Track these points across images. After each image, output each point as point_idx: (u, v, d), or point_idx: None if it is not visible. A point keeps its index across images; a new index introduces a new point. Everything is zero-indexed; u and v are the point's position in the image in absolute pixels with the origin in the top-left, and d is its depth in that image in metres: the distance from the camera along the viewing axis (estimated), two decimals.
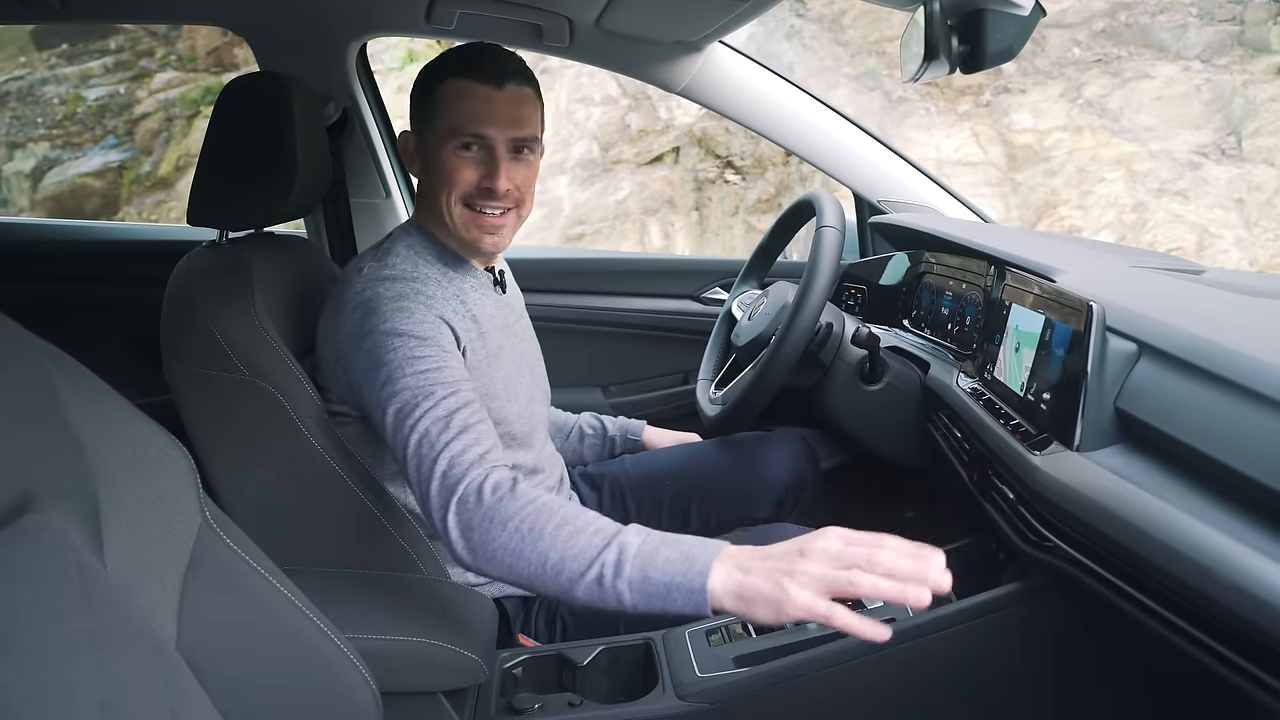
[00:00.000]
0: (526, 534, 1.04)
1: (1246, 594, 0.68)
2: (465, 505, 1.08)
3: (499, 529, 1.05)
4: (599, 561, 1.01)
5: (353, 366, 1.23)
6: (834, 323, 1.63)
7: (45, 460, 0.57)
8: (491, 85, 1.27)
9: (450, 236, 1.36)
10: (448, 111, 1.28)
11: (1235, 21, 6.49)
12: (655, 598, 0.99)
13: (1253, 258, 5.67)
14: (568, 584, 1.02)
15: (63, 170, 7.42)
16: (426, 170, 1.33)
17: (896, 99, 6.75)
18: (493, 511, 1.06)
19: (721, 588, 0.96)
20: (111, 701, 0.50)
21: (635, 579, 0.99)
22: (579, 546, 1.02)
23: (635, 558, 1.00)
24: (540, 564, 1.03)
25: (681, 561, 0.99)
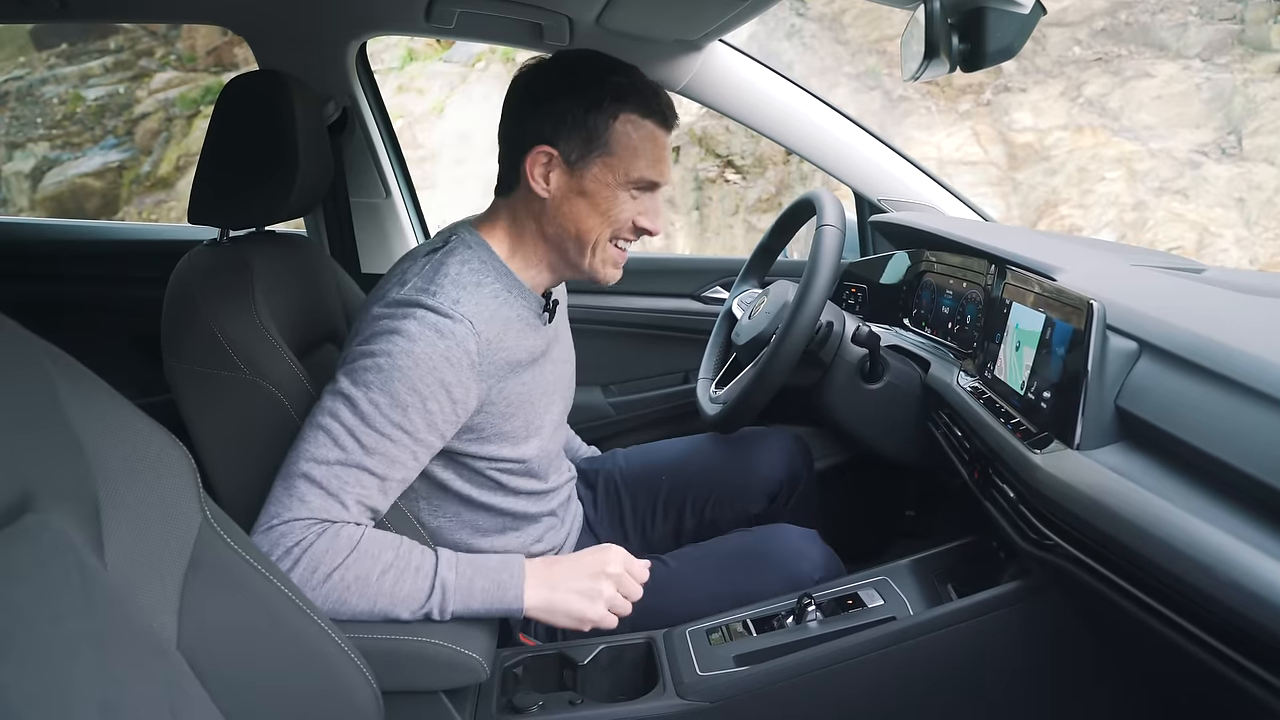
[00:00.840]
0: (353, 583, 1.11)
1: (1246, 591, 0.68)
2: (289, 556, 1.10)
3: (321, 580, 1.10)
4: (427, 605, 1.14)
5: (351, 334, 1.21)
6: (834, 321, 1.63)
7: (45, 460, 0.57)
8: (667, 130, 1.26)
9: (549, 261, 1.31)
10: (629, 152, 1.22)
11: (1235, 20, 6.49)
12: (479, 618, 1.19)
13: (1253, 256, 5.67)
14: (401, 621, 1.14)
15: (62, 170, 7.43)
16: (576, 196, 1.24)
17: (897, 98, 6.75)
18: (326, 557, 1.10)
19: (534, 607, 1.19)
20: (112, 701, 0.50)
21: (460, 611, 1.15)
22: (405, 592, 1.13)
23: (455, 593, 1.15)
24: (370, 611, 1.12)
25: (496, 589, 1.17)
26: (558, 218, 1.25)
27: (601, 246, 1.26)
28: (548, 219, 1.26)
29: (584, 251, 1.26)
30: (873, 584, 1.32)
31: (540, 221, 1.26)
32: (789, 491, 1.70)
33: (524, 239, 1.28)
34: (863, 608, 1.27)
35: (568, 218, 1.25)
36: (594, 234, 1.25)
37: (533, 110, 1.24)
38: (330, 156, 1.51)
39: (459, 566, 1.16)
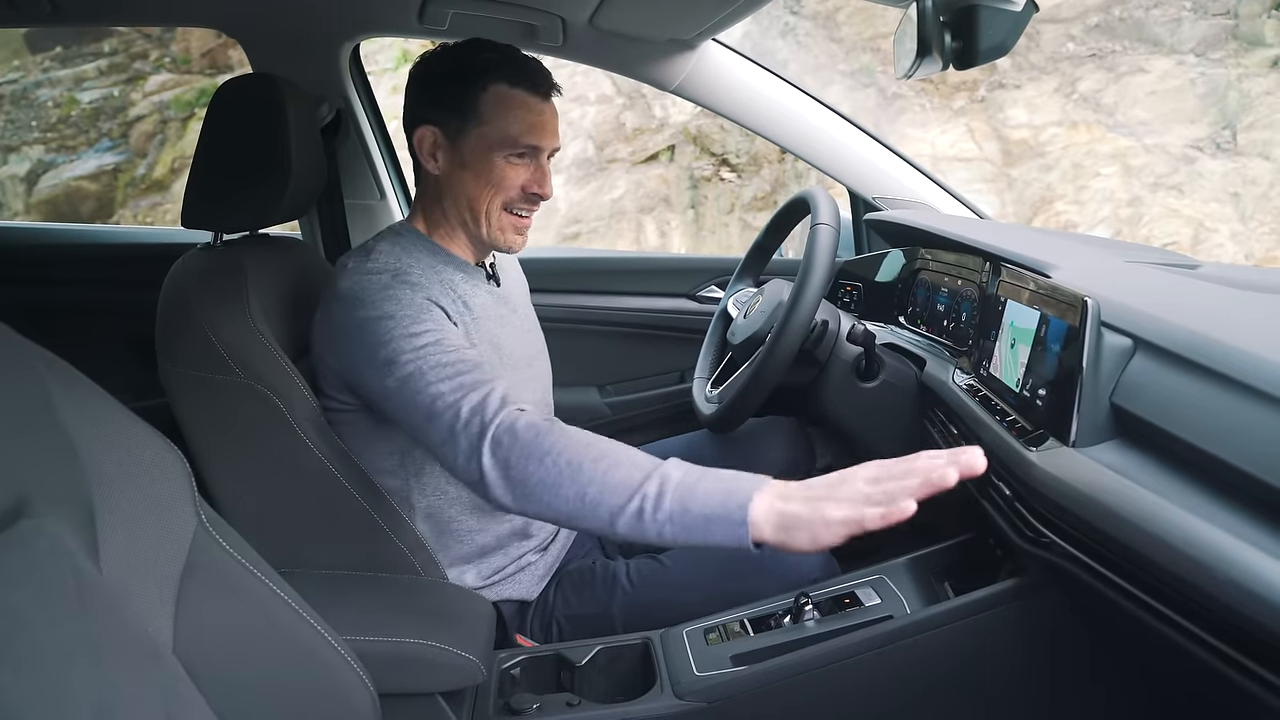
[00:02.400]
0: (565, 467, 1.04)
1: (1243, 589, 0.68)
2: (500, 444, 1.07)
3: (536, 463, 1.05)
4: (639, 494, 1.01)
5: (344, 356, 1.23)
6: (829, 320, 1.63)
7: (40, 465, 0.57)
8: (541, 97, 1.33)
9: (461, 237, 1.38)
10: (500, 119, 1.30)
11: (1229, 15, 6.50)
12: (695, 531, 0.99)
13: (1248, 251, 5.67)
14: (608, 517, 1.02)
15: (57, 173, 7.41)
16: (460, 169, 1.33)
17: (891, 95, 6.75)
18: (529, 447, 1.06)
19: (763, 518, 0.96)
20: (108, 706, 0.49)
21: (675, 512, 0.99)
22: (618, 479, 1.02)
23: (676, 489, 1.00)
24: (579, 498, 1.03)
25: (722, 493, 0.99)
26: (451, 192, 1.34)
27: (495, 215, 1.34)
28: (445, 195, 1.35)
29: (479, 221, 1.35)
30: (869, 583, 1.32)
31: (441, 199, 1.36)
32: None
33: (435, 219, 1.38)
34: (860, 606, 1.27)
35: (458, 190, 1.34)
36: (483, 203, 1.33)
37: (417, 94, 1.35)
38: (323, 159, 1.51)
39: (688, 468, 1.04)
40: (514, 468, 1.06)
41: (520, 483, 1.06)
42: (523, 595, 1.44)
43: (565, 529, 1.53)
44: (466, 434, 1.10)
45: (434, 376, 1.14)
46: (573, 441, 1.06)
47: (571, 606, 1.43)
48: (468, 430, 1.10)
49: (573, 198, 6.65)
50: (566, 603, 1.44)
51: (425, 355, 1.16)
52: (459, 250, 1.39)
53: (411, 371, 1.15)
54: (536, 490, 1.05)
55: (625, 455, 1.06)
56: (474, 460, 1.08)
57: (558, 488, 1.04)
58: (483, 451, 1.08)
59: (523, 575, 1.44)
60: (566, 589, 1.46)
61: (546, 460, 1.05)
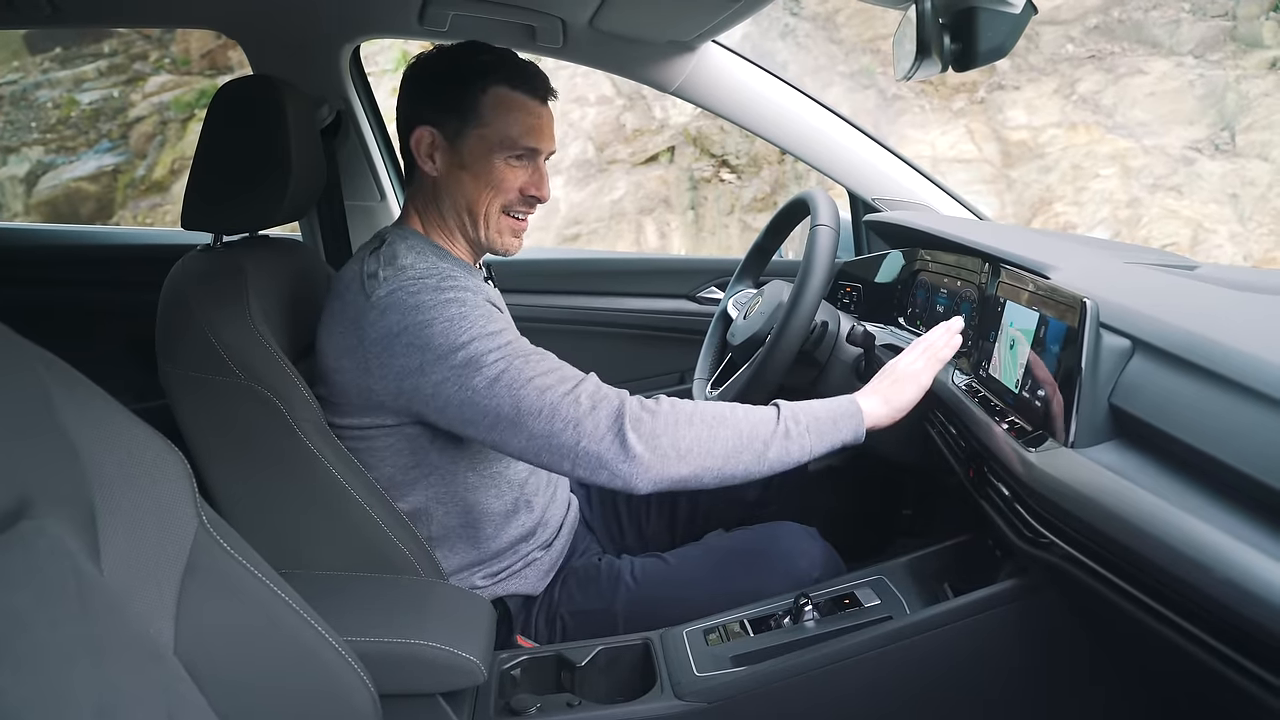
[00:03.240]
0: (712, 421, 1.20)
1: (1242, 590, 0.68)
2: (640, 421, 1.17)
3: (686, 426, 1.19)
4: (780, 419, 1.23)
5: (393, 367, 1.21)
6: (829, 321, 1.63)
7: (41, 466, 0.57)
8: (540, 100, 1.34)
9: (459, 239, 1.38)
10: (500, 121, 1.31)
11: (1228, 17, 6.50)
12: (828, 433, 1.25)
13: (1247, 252, 5.67)
14: (762, 447, 1.21)
15: (57, 175, 7.41)
16: (458, 171, 1.33)
17: (891, 97, 6.75)
18: (671, 415, 1.19)
19: (868, 405, 1.30)
20: (109, 706, 0.50)
21: (811, 425, 1.24)
22: (756, 418, 1.23)
23: (800, 410, 1.25)
24: (737, 439, 1.20)
25: (834, 404, 1.29)
26: (449, 194, 1.35)
27: (493, 217, 1.35)
28: (442, 197, 1.35)
29: (477, 224, 1.35)
30: (869, 583, 1.32)
31: (438, 202, 1.36)
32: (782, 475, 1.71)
33: (432, 222, 1.38)
34: (859, 607, 1.27)
35: (457, 192, 1.34)
36: (482, 205, 1.34)
37: (415, 95, 1.36)
38: (323, 161, 1.51)
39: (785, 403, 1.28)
40: (664, 436, 1.17)
41: (673, 448, 1.17)
42: (528, 591, 1.44)
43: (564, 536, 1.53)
44: (594, 420, 1.16)
45: (532, 370, 1.18)
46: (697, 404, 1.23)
47: (576, 602, 1.44)
48: (595, 416, 1.16)
49: (573, 199, 6.65)
50: (571, 598, 1.44)
51: (513, 352, 1.20)
52: (459, 253, 1.39)
53: (505, 368, 1.18)
54: (694, 449, 1.18)
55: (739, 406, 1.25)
56: (612, 442, 1.16)
57: (714, 439, 1.19)
58: (624, 431, 1.16)
59: (529, 571, 1.44)
60: (571, 585, 1.46)
61: (695, 420, 1.19)
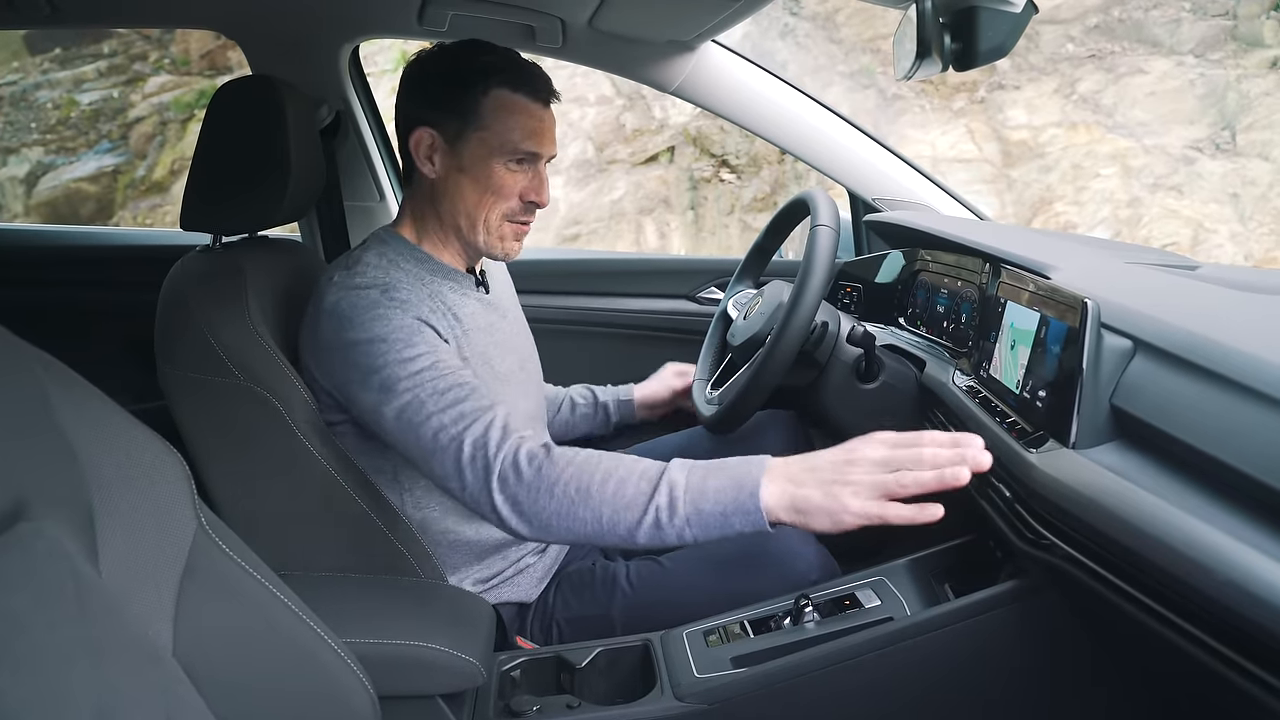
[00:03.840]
0: (575, 495, 1.08)
1: (1243, 591, 0.68)
2: (506, 482, 1.10)
3: (546, 497, 1.08)
4: (652, 507, 1.06)
5: (337, 377, 1.22)
6: (829, 321, 1.62)
7: (38, 468, 0.57)
8: (542, 103, 1.32)
9: (453, 242, 1.37)
10: (501, 124, 1.29)
11: (1228, 16, 6.50)
12: (714, 527, 1.05)
13: (1248, 252, 5.67)
14: (627, 534, 1.07)
15: (57, 175, 7.41)
16: (457, 174, 1.31)
17: (891, 96, 6.75)
18: (535, 481, 1.09)
19: (776, 503, 1.03)
20: (107, 708, 0.49)
21: (691, 515, 1.05)
22: (628, 496, 1.07)
23: (686, 494, 1.05)
24: (596, 521, 1.07)
25: (732, 488, 1.04)
26: (447, 197, 1.33)
27: (494, 224, 1.33)
28: (440, 200, 1.33)
29: (476, 229, 1.33)
30: (870, 584, 1.32)
31: (436, 205, 1.34)
32: None
33: (427, 225, 1.36)
34: (860, 608, 1.27)
35: (455, 196, 1.32)
36: (482, 210, 1.32)
37: (414, 95, 1.34)
38: (322, 161, 1.51)
39: (690, 468, 1.09)
40: (524, 503, 1.09)
41: (534, 516, 1.09)
42: (521, 598, 1.44)
43: None
44: (473, 471, 1.11)
45: (433, 406, 1.14)
46: (576, 468, 1.09)
47: (571, 608, 1.43)
48: (474, 467, 1.11)
49: (572, 199, 6.65)
50: (566, 605, 1.44)
51: (421, 382, 1.16)
52: (449, 258, 1.38)
53: (409, 401, 1.15)
54: (551, 521, 1.09)
55: (628, 470, 1.09)
56: (484, 497, 1.11)
57: (572, 516, 1.08)
58: (492, 489, 1.10)
59: (521, 578, 1.44)
60: (566, 591, 1.46)
61: (556, 491, 1.08)
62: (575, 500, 1.08)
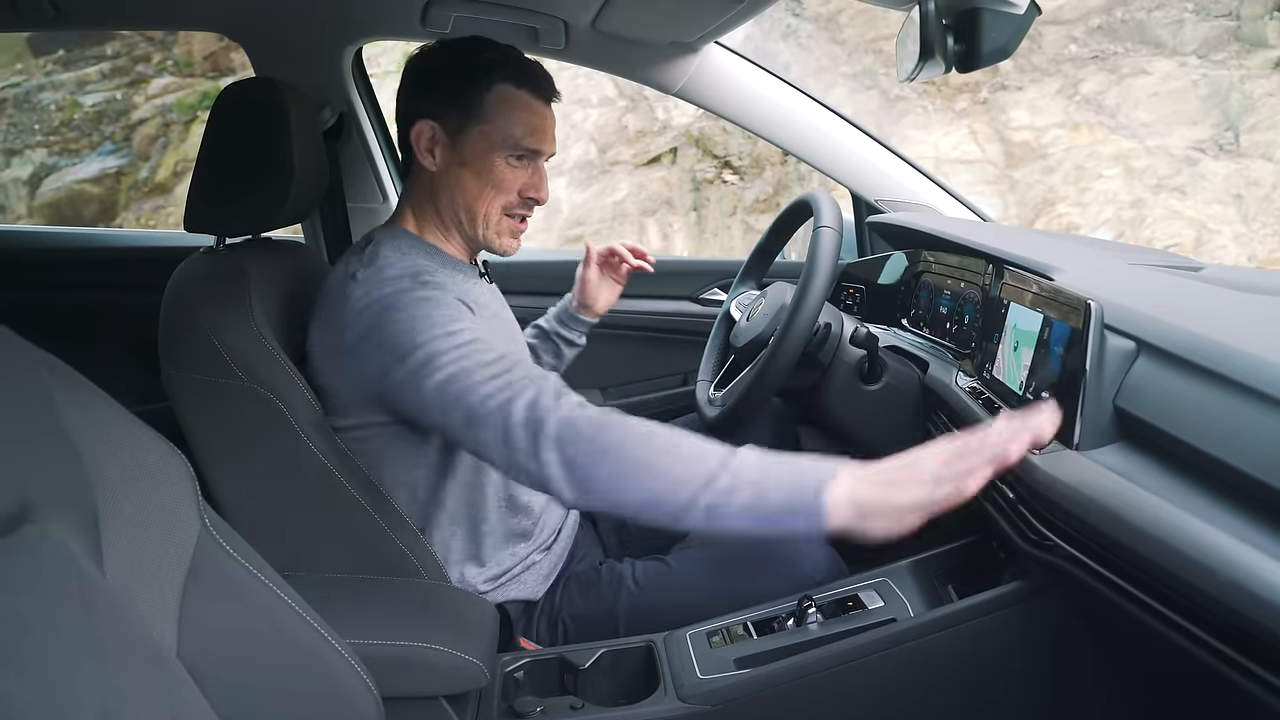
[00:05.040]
0: (632, 463, 1.01)
1: (1246, 592, 0.68)
2: (562, 441, 1.03)
3: (601, 458, 1.02)
4: (710, 489, 0.98)
5: (367, 368, 1.20)
6: (832, 323, 1.63)
7: (44, 469, 0.57)
8: (544, 101, 1.33)
9: (455, 235, 1.37)
10: (503, 119, 1.30)
11: (1231, 17, 6.50)
12: (770, 521, 0.97)
13: (1251, 253, 5.67)
14: (676, 513, 0.99)
15: (60, 177, 7.43)
16: (458, 167, 1.32)
17: (894, 97, 6.75)
18: (594, 442, 1.03)
19: (838, 506, 0.95)
20: (112, 710, 0.50)
21: (751, 503, 0.97)
22: (688, 474, 0.99)
23: (750, 483, 0.97)
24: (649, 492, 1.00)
25: (794, 484, 0.97)
26: (447, 190, 1.33)
27: (494, 218, 1.34)
28: (440, 193, 1.34)
29: (475, 223, 1.34)
30: (873, 585, 1.32)
31: (435, 198, 1.35)
32: None
33: (427, 218, 1.37)
34: (863, 609, 1.27)
35: (455, 189, 1.33)
36: (482, 204, 1.33)
37: (417, 88, 1.34)
38: (325, 163, 1.51)
39: (758, 453, 1.01)
40: (579, 465, 1.03)
41: (586, 480, 1.03)
42: (528, 595, 1.44)
43: (565, 534, 1.53)
44: (526, 431, 1.05)
45: (481, 375, 1.10)
46: (637, 434, 1.03)
47: (577, 606, 1.43)
48: (527, 428, 1.05)
49: (575, 200, 6.66)
50: (572, 603, 1.44)
51: (467, 354, 1.13)
52: (453, 250, 1.39)
53: (454, 372, 1.11)
54: (603, 487, 1.02)
55: (693, 447, 1.02)
56: (535, 458, 1.04)
57: (626, 484, 1.01)
58: (544, 449, 1.04)
59: (528, 575, 1.44)
60: (573, 589, 1.46)
61: (613, 455, 1.02)
62: (631, 468, 1.01)
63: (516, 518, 1.42)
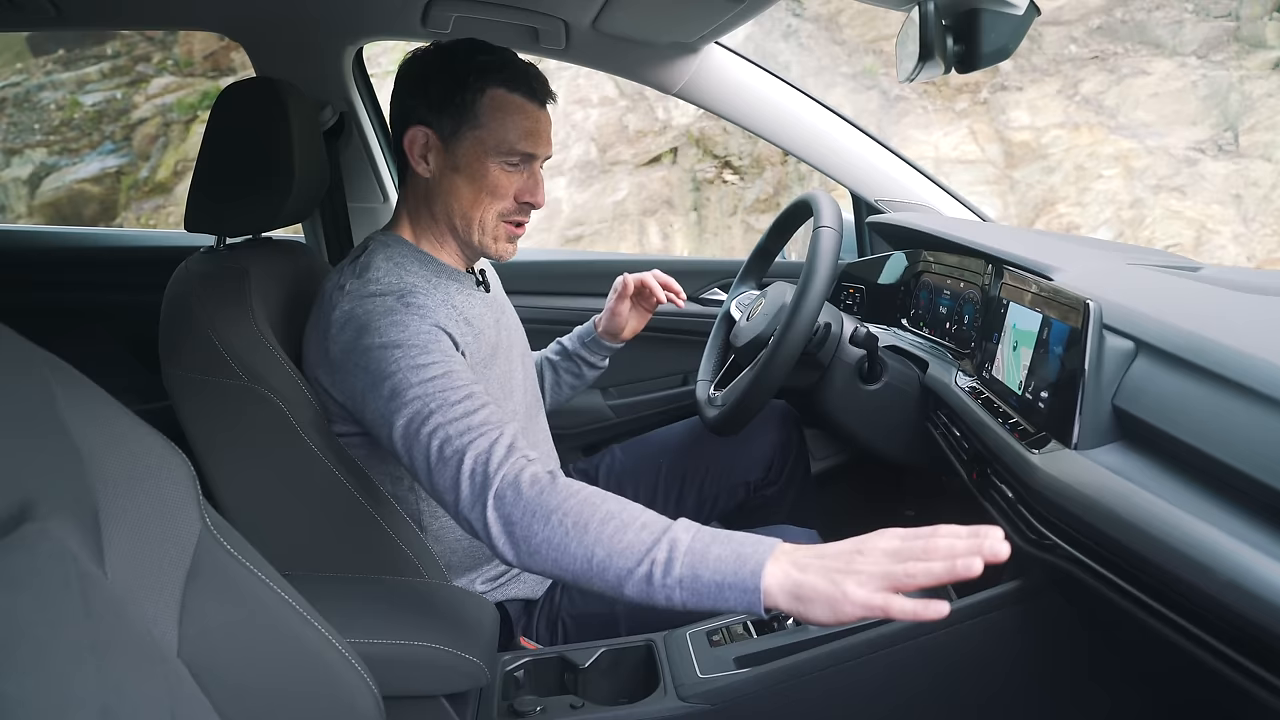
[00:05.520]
0: (571, 527, 1.00)
1: (1244, 591, 0.68)
2: (503, 499, 1.03)
3: (541, 522, 1.01)
4: (649, 559, 0.96)
5: (349, 385, 1.20)
6: (832, 323, 1.63)
7: (45, 469, 0.57)
8: (538, 104, 1.32)
9: (450, 242, 1.36)
10: (497, 123, 1.28)
11: (1231, 17, 6.50)
12: (706, 597, 0.95)
13: (1250, 253, 5.67)
14: (615, 581, 0.98)
15: (60, 176, 7.42)
16: (452, 173, 1.30)
17: (894, 97, 6.75)
18: (534, 504, 1.02)
19: (777, 586, 0.92)
20: (113, 709, 0.50)
21: (686, 577, 0.95)
22: (626, 542, 0.98)
23: (686, 555, 0.96)
24: (586, 560, 0.99)
25: (733, 559, 0.95)
26: (442, 196, 1.32)
27: (490, 224, 1.33)
28: (435, 199, 1.33)
29: (471, 228, 1.33)
30: None
31: (430, 204, 1.34)
32: (783, 459, 1.77)
33: (423, 224, 1.36)
34: None
35: (450, 195, 1.32)
36: (478, 211, 1.31)
37: (410, 93, 1.32)
38: (326, 163, 1.51)
39: (696, 530, 0.99)
40: (518, 525, 1.02)
41: (524, 540, 1.02)
42: (528, 594, 1.44)
43: None
44: (470, 484, 1.06)
45: (440, 417, 1.10)
46: (579, 500, 1.02)
47: (577, 605, 1.43)
48: (472, 480, 1.06)
49: (575, 200, 6.65)
50: (572, 602, 1.44)
51: (433, 391, 1.12)
52: (449, 258, 1.37)
53: (418, 410, 1.11)
54: (541, 549, 1.01)
55: (633, 516, 1.01)
56: (478, 512, 1.05)
57: (564, 548, 1.00)
58: (487, 505, 1.04)
59: (527, 574, 1.44)
60: (572, 589, 1.46)
61: (552, 519, 1.01)
62: (570, 533, 1.00)
63: None
